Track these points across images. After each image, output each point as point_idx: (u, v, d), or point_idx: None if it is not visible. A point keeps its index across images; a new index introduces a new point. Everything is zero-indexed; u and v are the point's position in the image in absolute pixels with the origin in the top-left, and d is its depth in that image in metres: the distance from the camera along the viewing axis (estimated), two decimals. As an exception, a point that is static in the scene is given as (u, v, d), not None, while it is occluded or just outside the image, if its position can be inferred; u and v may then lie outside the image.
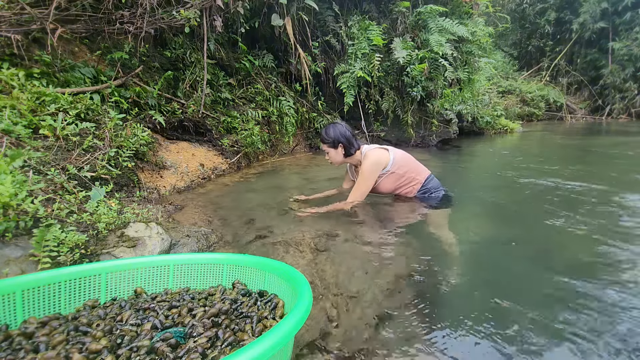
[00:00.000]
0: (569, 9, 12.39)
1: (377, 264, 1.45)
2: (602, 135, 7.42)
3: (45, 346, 0.76)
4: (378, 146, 2.12)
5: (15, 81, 2.03)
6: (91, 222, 1.50)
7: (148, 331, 0.82)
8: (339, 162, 2.16)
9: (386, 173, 2.05)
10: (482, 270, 1.47)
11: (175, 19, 2.96)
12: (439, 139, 5.54)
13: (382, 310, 1.14)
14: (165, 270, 1.09)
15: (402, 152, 2.15)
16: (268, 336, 0.61)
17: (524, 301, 1.17)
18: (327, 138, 2.07)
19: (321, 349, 0.98)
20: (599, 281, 1.28)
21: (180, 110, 3.19)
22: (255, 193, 2.66)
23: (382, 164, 2.04)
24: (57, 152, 1.90)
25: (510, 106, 10.21)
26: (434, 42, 4.62)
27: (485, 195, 2.60)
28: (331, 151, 2.10)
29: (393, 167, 2.05)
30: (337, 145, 2.07)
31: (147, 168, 2.56)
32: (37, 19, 2.33)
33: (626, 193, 2.34)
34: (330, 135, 2.07)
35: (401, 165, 2.08)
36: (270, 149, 4.27)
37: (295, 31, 4.21)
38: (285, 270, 0.97)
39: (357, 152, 2.10)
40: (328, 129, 2.09)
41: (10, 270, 1.18)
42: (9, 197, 1.27)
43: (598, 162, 3.99)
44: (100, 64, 2.82)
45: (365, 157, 2.06)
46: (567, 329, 1.03)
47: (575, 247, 1.61)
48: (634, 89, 11.32)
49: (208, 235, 1.73)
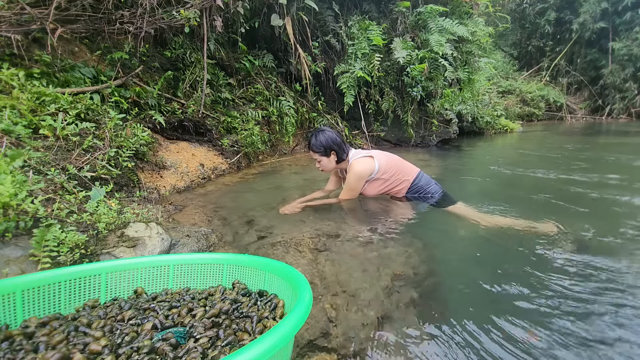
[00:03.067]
0: (569, 9, 12.39)
1: (377, 263, 1.45)
2: (603, 135, 7.42)
3: (45, 346, 0.76)
4: (363, 153, 2.06)
5: (15, 81, 2.03)
6: (91, 222, 1.50)
7: (148, 331, 0.82)
8: (331, 170, 2.11)
9: (370, 179, 2.05)
10: (482, 269, 1.47)
11: (175, 19, 2.96)
12: (439, 139, 5.54)
13: (382, 310, 1.14)
14: (165, 270, 1.09)
15: (386, 156, 2.11)
16: (268, 336, 0.61)
17: (525, 300, 1.17)
18: (319, 147, 1.98)
19: (321, 348, 0.98)
20: (600, 281, 1.28)
21: (180, 110, 3.20)
22: (255, 193, 2.66)
23: (366, 174, 2.01)
24: (57, 152, 1.90)
25: (510, 106, 10.21)
26: (434, 42, 4.62)
27: (485, 195, 2.60)
28: (323, 160, 2.02)
29: (378, 174, 2.04)
30: (329, 153, 2.00)
31: (147, 168, 2.56)
32: (37, 19, 2.33)
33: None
34: (322, 144, 1.97)
35: (386, 170, 2.06)
36: (270, 149, 4.27)
37: (295, 31, 4.21)
38: (285, 270, 0.97)
39: (347, 157, 2.06)
40: (318, 136, 1.98)
41: (10, 270, 1.18)
42: (9, 197, 1.27)
43: (598, 162, 3.99)
44: (100, 64, 2.82)
45: (350, 167, 2.01)
46: (571, 328, 1.03)
47: (576, 247, 1.61)
48: (634, 89, 11.31)
49: (208, 235, 1.73)
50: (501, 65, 12.82)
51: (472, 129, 6.82)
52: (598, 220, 1.88)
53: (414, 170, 2.18)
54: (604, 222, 1.85)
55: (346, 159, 2.05)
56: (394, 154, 2.19)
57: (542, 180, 2.85)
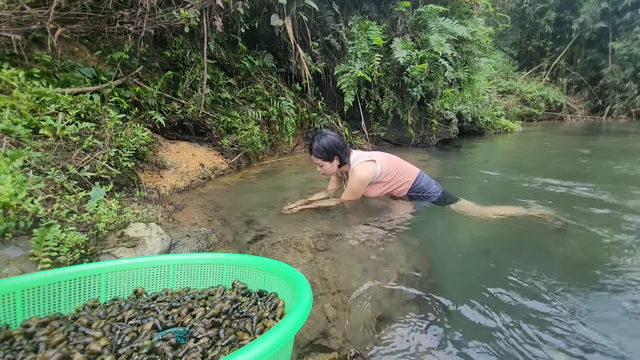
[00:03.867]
0: (569, 9, 12.39)
1: (377, 263, 1.45)
2: (603, 135, 7.42)
3: (45, 346, 0.76)
4: (365, 157, 2.03)
5: (15, 81, 2.03)
6: (91, 222, 1.50)
7: (148, 331, 0.82)
8: (333, 173, 2.10)
9: (372, 183, 2.05)
10: (482, 269, 1.47)
11: (175, 19, 2.96)
12: (439, 139, 5.54)
13: (382, 310, 1.14)
14: (165, 270, 1.09)
15: (388, 159, 2.09)
16: (268, 336, 0.61)
17: (525, 300, 1.17)
18: (321, 152, 1.92)
19: (321, 348, 0.98)
20: (602, 281, 1.28)
21: (180, 110, 3.20)
22: (255, 193, 2.66)
23: (369, 179, 2.01)
24: (57, 152, 1.90)
25: (510, 106, 10.21)
26: (434, 42, 4.62)
27: (485, 194, 2.60)
28: (326, 164, 1.97)
29: (380, 177, 2.04)
30: (332, 157, 1.95)
31: (147, 168, 2.56)
32: (37, 19, 2.33)
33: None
34: (324, 148, 1.91)
35: (388, 172, 2.06)
36: (270, 149, 4.27)
37: (295, 31, 4.21)
38: (285, 270, 0.97)
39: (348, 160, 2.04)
40: (320, 140, 1.92)
41: (10, 270, 1.18)
42: (9, 197, 1.27)
43: (597, 161, 3.99)
44: (100, 64, 2.82)
45: (353, 172, 2.00)
46: (571, 328, 1.03)
47: (577, 245, 1.61)
48: (634, 89, 11.31)
49: (208, 235, 1.73)
50: (501, 65, 12.82)
51: (472, 129, 6.82)
52: (600, 220, 1.88)
53: (415, 171, 2.18)
54: (607, 223, 1.85)
55: (348, 162, 2.04)
56: (394, 156, 2.19)
57: (542, 180, 2.85)
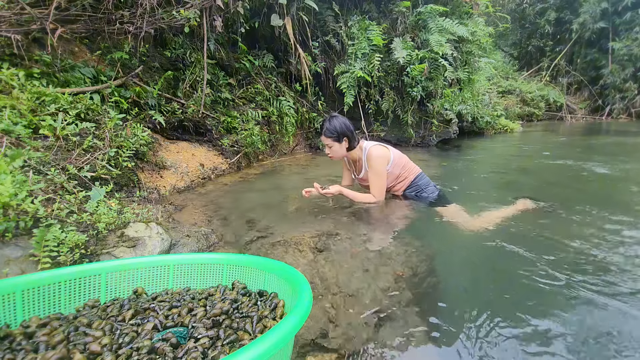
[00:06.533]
0: (569, 9, 12.38)
1: (377, 263, 1.45)
2: (603, 135, 7.42)
3: (45, 346, 0.76)
4: (377, 143, 2.12)
5: (15, 81, 2.03)
6: (91, 222, 1.50)
7: (149, 331, 0.82)
8: (340, 157, 2.10)
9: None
10: (482, 268, 1.47)
11: (175, 19, 2.96)
12: (439, 139, 5.54)
13: (382, 310, 1.14)
14: (165, 270, 1.09)
15: (398, 152, 2.17)
16: (268, 336, 0.61)
17: (524, 299, 1.17)
18: (332, 131, 1.97)
19: (321, 348, 0.98)
20: (602, 281, 1.28)
21: (180, 110, 3.19)
22: (255, 193, 2.66)
23: (387, 159, 2.06)
24: (57, 152, 1.90)
25: (510, 106, 10.20)
26: (434, 42, 4.62)
27: (485, 194, 2.60)
28: (335, 145, 2.01)
29: (391, 167, 2.08)
30: (342, 138, 1.99)
31: (147, 168, 2.56)
32: (37, 19, 2.33)
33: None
34: (335, 129, 1.97)
35: (397, 164, 2.11)
36: (270, 149, 4.27)
37: (295, 31, 4.21)
38: (285, 270, 0.97)
39: (357, 147, 2.07)
40: (332, 121, 1.98)
41: (10, 270, 1.18)
42: (9, 197, 1.27)
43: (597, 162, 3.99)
44: (100, 64, 2.82)
45: (370, 154, 2.03)
46: (570, 328, 1.03)
47: (578, 245, 1.61)
48: (634, 89, 11.30)
49: (208, 235, 1.73)
50: (501, 65, 12.81)
51: (472, 129, 6.82)
52: (601, 220, 1.88)
53: (417, 170, 2.23)
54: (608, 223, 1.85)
55: (357, 148, 2.06)
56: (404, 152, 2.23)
57: (542, 180, 2.85)
